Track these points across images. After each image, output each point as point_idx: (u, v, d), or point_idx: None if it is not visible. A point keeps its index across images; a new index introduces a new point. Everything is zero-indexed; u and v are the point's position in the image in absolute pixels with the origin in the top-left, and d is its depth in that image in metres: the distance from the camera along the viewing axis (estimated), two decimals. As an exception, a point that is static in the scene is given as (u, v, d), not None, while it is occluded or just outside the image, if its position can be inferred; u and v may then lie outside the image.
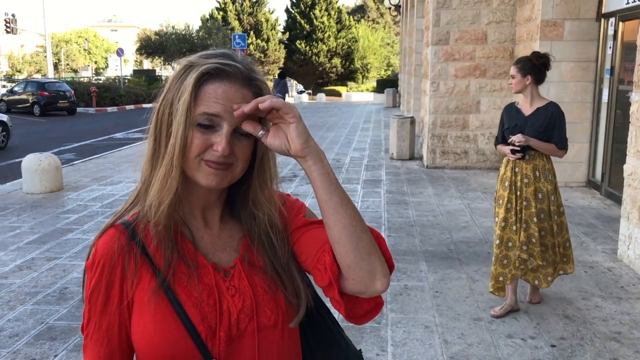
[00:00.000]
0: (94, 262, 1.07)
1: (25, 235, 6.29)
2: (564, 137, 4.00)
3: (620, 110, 7.66)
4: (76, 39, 75.70)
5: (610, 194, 7.76)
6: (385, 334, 3.88)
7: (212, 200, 1.15)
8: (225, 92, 1.03)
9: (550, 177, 4.05)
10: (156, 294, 1.05)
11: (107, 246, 1.07)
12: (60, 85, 25.96)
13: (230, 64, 1.05)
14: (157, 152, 1.07)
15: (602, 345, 3.72)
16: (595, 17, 8.20)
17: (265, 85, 1.09)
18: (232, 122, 1.03)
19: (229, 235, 1.17)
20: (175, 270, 1.08)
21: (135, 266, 1.06)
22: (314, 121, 20.33)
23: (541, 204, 4.01)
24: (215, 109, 1.02)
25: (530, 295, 4.37)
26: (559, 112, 3.99)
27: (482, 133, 10.24)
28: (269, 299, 1.11)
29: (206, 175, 1.05)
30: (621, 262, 5.30)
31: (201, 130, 1.03)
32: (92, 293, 1.07)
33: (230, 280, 1.11)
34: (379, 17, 65.15)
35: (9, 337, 3.88)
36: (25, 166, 8.43)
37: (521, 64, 3.99)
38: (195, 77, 1.03)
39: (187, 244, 1.12)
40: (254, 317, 1.09)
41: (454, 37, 10.08)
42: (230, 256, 1.15)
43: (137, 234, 1.08)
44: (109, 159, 11.92)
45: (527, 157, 4.02)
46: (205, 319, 1.06)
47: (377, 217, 6.92)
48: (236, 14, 44.86)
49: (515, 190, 4.04)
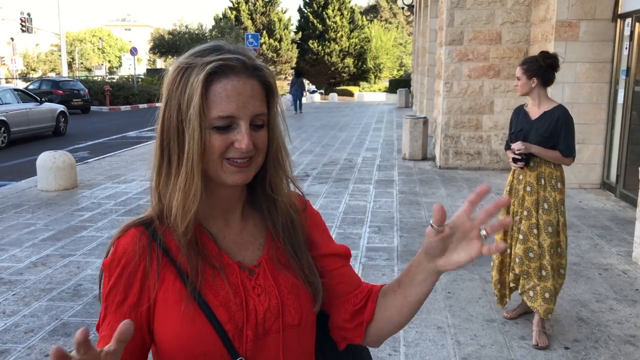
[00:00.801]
0: (112, 261, 1.07)
1: (40, 232, 6.35)
2: (571, 143, 3.69)
3: (635, 112, 7.59)
4: (90, 38, 76.33)
5: (625, 196, 7.69)
6: (397, 334, 3.88)
7: (234, 199, 1.14)
8: (235, 87, 1.02)
9: (559, 186, 3.74)
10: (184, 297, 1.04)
11: (128, 246, 1.07)
12: (75, 84, 26.16)
13: (231, 58, 1.03)
14: (169, 160, 1.05)
15: (617, 348, 3.69)
16: (611, 18, 8.13)
17: (268, 70, 1.08)
18: (248, 117, 1.03)
19: (251, 234, 1.17)
20: (202, 271, 1.07)
21: (157, 267, 1.06)
22: (326, 121, 20.32)
23: (548, 215, 3.70)
24: (229, 110, 1.01)
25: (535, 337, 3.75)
26: (566, 116, 3.70)
27: (495, 134, 10.19)
28: (293, 298, 1.12)
29: (231, 174, 1.05)
30: (636, 264, 5.25)
31: (219, 132, 1.02)
32: (110, 292, 1.06)
33: (256, 279, 1.11)
34: (392, 17, 65.01)
35: (25, 333, 3.92)
36: (40, 164, 8.51)
37: (527, 65, 3.74)
38: (201, 79, 1.01)
39: (210, 243, 1.11)
40: (280, 316, 1.10)
41: (467, 38, 10.04)
42: (254, 255, 1.15)
43: (158, 235, 1.08)
44: (122, 157, 12.00)
45: (532, 164, 3.75)
46: (233, 318, 1.06)
47: (390, 218, 6.91)
48: (249, 13, 44.96)
49: (517, 198, 3.82)
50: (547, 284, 3.67)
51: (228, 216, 1.15)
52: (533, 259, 3.68)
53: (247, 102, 1.03)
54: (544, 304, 3.67)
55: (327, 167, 10.60)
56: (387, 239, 6.04)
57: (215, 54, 1.04)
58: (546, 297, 3.66)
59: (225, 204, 1.14)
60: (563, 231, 3.74)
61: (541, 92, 3.78)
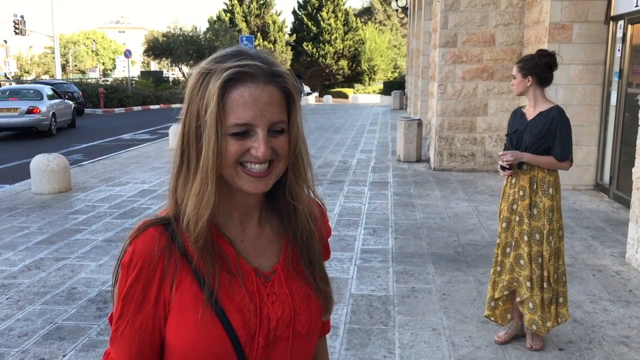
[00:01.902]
0: (131, 261, 1.06)
1: (33, 236, 6.32)
2: (567, 147, 3.49)
3: (628, 113, 7.63)
4: (84, 41, 76.10)
5: (618, 197, 7.73)
6: (392, 336, 3.88)
7: (253, 204, 1.14)
8: (252, 94, 1.01)
9: (550, 192, 3.54)
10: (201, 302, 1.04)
11: (147, 246, 1.06)
12: (68, 87, 26.08)
13: (249, 64, 1.03)
14: (188, 165, 1.06)
15: (611, 349, 3.70)
16: (604, 20, 8.18)
17: (288, 76, 1.07)
18: (265, 124, 1.02)
19: (269, 240, 1.16)
20: (219, 276, 1.07)
21: (175, 268, 1.06)
22: (321, 123, 20.34)
23: (536, 222, 3.53)
24: (246, 118, 1.01)
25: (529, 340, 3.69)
26: (561, 117, 3.49)
27: (489, 135, 10.22)
28: (305, 307, 1.13)
29: (250, 183, 1.04)
30: (630, 265, 5.27)
31: (236, 138, 1.02)
32: (129, 292, 1.06)
33: (271, 286, 1.12)
34: (386, 19, 65.14)
35: (18, 337, 3.91)
36: (33, 167, 8.48)
37: (522, 63, 3.59)
38: (218, 86, 1.00)
39: (228, 248, 1.11)
40: (291, 325, 1.11)
41: (461, 40, 10.07)
42: (270, 261, 1.15)
43: (177, 236, 1.07)
44: (116, 160, 11.97)
45: (525, 167, 3.57)
46: (246, 324, 1.06)
47: (384, 219, 6.92)
48: (243, 15, 44.97)
49: (511, 203, 3.64)
50: (531, 293, 3.56)
51: (245, 220, 1.14)
52: (524, 266, 3.56)
53: (265, 109, 1.02)
54: (528, 313, 3.58)
55: (322, 169, 10.61)
56: (382, 241, 6.05)
57: (235, 59, 1.03)
58: (530, 307, 3.57)
59: (243, 209, 1.13)
60: (547, 240, 3.53)
61: (537, 91, 3.59)
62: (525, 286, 3.55)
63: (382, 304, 4.42)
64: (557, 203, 3.58)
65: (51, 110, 17.37)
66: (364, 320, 4.12)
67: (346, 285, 4.80)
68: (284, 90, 1.05)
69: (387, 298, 4.53)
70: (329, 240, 1.32)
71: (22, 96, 17.54)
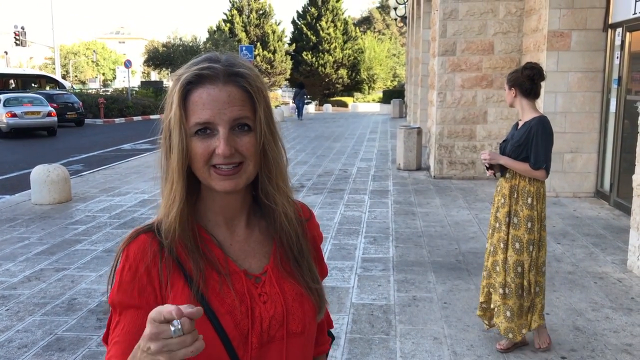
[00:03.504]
0: (124, 268, 1.08)
1: (33, 246, 6.31)
2: (541, 156, 3.54)
3: (628, 120, 7.64)
4: (84, 51, 76.31)
5: (619, 204, 7.72)
6: (394, 345, 3.86)
7: (237, 207, 1.16)
8: (210, 95, 1.04)
9: (530, 202, 3.59)
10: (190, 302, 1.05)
11: (140, 252, 1.08)
12: (69, 97, 26.10)
13: (207, 67, 1.07)
14: (166, 170, 1.10)
15: (613, 357, 3.68)
16: (602, 28, 8.20)
17: (251, 75, 1.08)
18: (225, 122, 1.04)
19: (258, 242, 1.18)
20: (207, 278, 1.09)
21: (167, 273, 1.08)
22: (321, 132, 20.36)
23: (516, 230, 3.60)
24: (204, 117, 1.04)
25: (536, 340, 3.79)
26: (538, 127, 3.56)
27: (489, 143, 10.22)
28: (298, 306, 1.14)
29: (219, 182, 1.07)
30: (631, 272, 5.26)
31: (201, 139, 1.05)
32: (123, 298, 1.07)
33: (262, 286, 1.13)
34: (385, 29, 65.35)
35: (18, 348, 3.89)
36: (33, 177, 8.48)
37: (509, 75, 3.75)
38: (178, 89, 1.06)
39: (217, 250, 1.13)
40: (284, 324, 1.12)
41: (460, 48, 10.10)
42: (261, 262, 1.16)
43: (169, 241, 1.09)
44: (117, 170, 11.97)
45: (508, 175, 3.67)
46: (238, 326, 1.07)
47: (385, 228, 6.91)
48: (243, 25, 45.09)
49: (495, 210, 3.76)
50: (509, 302, 3.62)
51: (233, 224, 1.17)
52: (499, 273, 3.65)
53: (223, 108, 1.04)
54: (505, 322, 3.64)
55: (322, 177, 10.61)
56: (383, 250, 6.03)
57: (199, 64, 1.08)
58: (507, 316, 3.63)
59: (227, 212, 1.15)
60: (527, 250, 3.58)
61: (524, 102, 3.68)
62: (498, 293, 3.65)
63: (383, 313, 4.40)
64: (538, 214, 3.62)
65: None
66: (365, 329, 4.11)
67: (347, 294, 4.79)
68: (246, 90, 1.07)
69: (388, 307, 4.51)
70: (330, 248, 1.33)
71: (33, 103, 21.12)
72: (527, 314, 3.66)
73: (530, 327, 3.70)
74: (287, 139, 18.06)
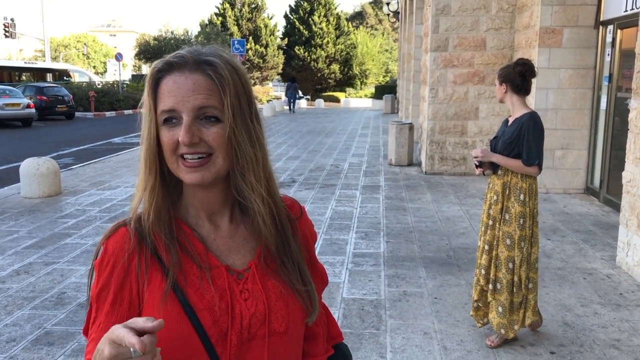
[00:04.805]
0: (103, 261, 1.07)
1: (23, 240, 6.27)
2: (533, 152, 3.53)
3: (618, 117, 7.68)
4: (75, 44, 75.72)
5: (608, 201, 7.77)
6: (384, 340, 3.87)
7: (217, 201, 1.13)
8: (176, 82, 1.03)
9: (522, 198, 3.58)
10: (167, 296, 1.04)
11: (118, 245, 1.07)
12: (59, 90, 25.91)
13: (176, 55, 1.07)
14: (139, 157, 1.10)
15: (602, 352, 3.71)
16: (593, 25, 8.23)
17: (220, 63, 1.05)
18: (189, 110, 1.02)
19: (243, 238, 1.15)
20: (187, 272, 1.07)
21: (145, 267, 1.06)
22: (313, 127, 20.34)
23: (507, 227, 3.61)
24: (168, 104, 1.03)
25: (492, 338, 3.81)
26: (530, 123, 3.54)
27: (480, 139, 10.25)
28: (282, 305, 1.11)
29: (187, 173, 1.05)
30: (620, 269, 5.30)
31: (168, 128, 1.04)
32: (101, 292, 1.06)
33: (244, 283, 1.10)
34: (378, 24, 65.32)
35: (6, 342, 3.86)
36: (23, 170, 8.42)
37: (500, 70, 3.73)
38: (147, 77, 1.06)
39: (198, 245, 1.11)
40: (266, 322, 1.09)
41: (452, 44, 10.11)
42: (245, 258, 1.13)
43: (147, 235, 1.08)
44: (107, 164, 11.91)
45: (500, 172, 3.67)
46: (217, 322, 1.05)
47: (376, 223, 6.91)
48: (235, 19, 44.92)
49: (488, 207, 3.75)
50: (500, 297, 3.65)
51: (215, 219, 1.14)
52: (491, 269, 3.69)
53: (187, 95, 1.03)
54: (497, 317, 3.67)
55: (313, 173, 10.60)
56: (374, 245, 6.04)
57: (171, 54, 1.08)
58: (499, 311, 3.66)
59: (208, 206, 1.13)
60: (518, 246, 3.59)
61: (514, 98, 3.67)
62: (489, 289, 3.69)
63: (373, 307, 4.41)
64: (530, 210, 3.62)
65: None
66: (355, 324, 4.11)
67: (338, 289, 4.79)
68: (213, 78, 1.04)
69: (378, 302, 4.52)
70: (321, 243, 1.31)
71: (10, 95, 21.70)
72: (519, 310, 3.68)
73: (524, 323, 3.71)
74: (278, 133, 18.05)
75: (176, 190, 1.13)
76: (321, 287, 1.27)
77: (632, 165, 5.29)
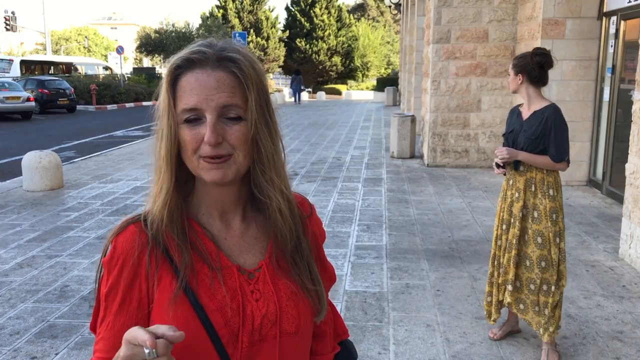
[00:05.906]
0: (112, 259, 1.04)
1: (25, 233, 6.27)
2: (562, 147, 3.36)
3: (621, 109, 7.65)
4: (76, 37, 75.57)
5: (611, 193, 7.75)
6: (387, 332, 3.87)
7: (231, 200, 1.11)
8: (198, 80, 1.00)
9: (551, 193, 3.41)
10: (177, 297, 1.02)
11: (128, 243, 1.04)
12: (60, 83, 25.87)
13: (197, 51, 1.03)
14: (156, 155, 1.07)
15: (605, 344, 3.71)
16: (596, 16, 8.19)
17: (243, 60, 1.03)
18: (213, 108, 1.00)
19: (254, 237, 1.13)
20: (198, 272, 1.05)
21: (156, 265, 1.04)
22: (315, 119, 20.31)
23: (537, 225, 3.41)
24: (191, 102, 1.00)
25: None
26: (556, 117, 3.35)
27: (483, 132, 10.23)
28: (292, 305, 1.10)
29: (207, 171, 1.02)
30: (623, 261, 5.29)
31: (189, 126, 1.01)
32: (110, 291, 1.04)
33: (255, 283, 1.09)
34: (379, 16, 65.09)
35: (10, 335, 3.87)
36: (25, 164, 8.42)
37: (516, 60, 3.53)
38: (166, 74, 1.03)
39: (209, 245, 1.09)
40: (277, 323, 1.07)
41: (455, 36, 10.07)
42: (256, 258, 1.12)
43: (158, 233, 1.06)
44: (109, 157, 11.91)
45: (522, 169, 3.47)
46: (228, 323, 1.03)
47: (378, 216, 6.91)
48: (236, 12, 44.78)
49: (509, 205, 3.54)
50: (534, 297, 3.47)
51: (227, 218, 1.12)
52: (521, 269, 3.49)
53: (211, 93, 1.00)
54: (535, 316, 3.49)
55: (315, 165, 10.59)
56: (376, 237, 6.04)
57: (191, 49, 1.04)
58: (536, 310, 3.49)
59: (221, 205, 1.11)
60: (554, 243, 3.42)
61: (530, 90, 3.49)
62: (526, 289, 3.49)
63: (376, 300, 4.41)
64: (560, 204, 3.46)
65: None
66: (358, 316, 4.12)
67: (340, 282, 4.79)
68: (236, 76, 1.02)
69: (381, 294, 4.52)
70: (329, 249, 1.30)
71: (10, 88, 21.93)
72: (555, 310, 3.49)
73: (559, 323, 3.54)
74: (281, 125, 18.01)
75: (187, 187, 1.11)
76: (329, 286, 1.26)
77: (636, 157, 5.27)
